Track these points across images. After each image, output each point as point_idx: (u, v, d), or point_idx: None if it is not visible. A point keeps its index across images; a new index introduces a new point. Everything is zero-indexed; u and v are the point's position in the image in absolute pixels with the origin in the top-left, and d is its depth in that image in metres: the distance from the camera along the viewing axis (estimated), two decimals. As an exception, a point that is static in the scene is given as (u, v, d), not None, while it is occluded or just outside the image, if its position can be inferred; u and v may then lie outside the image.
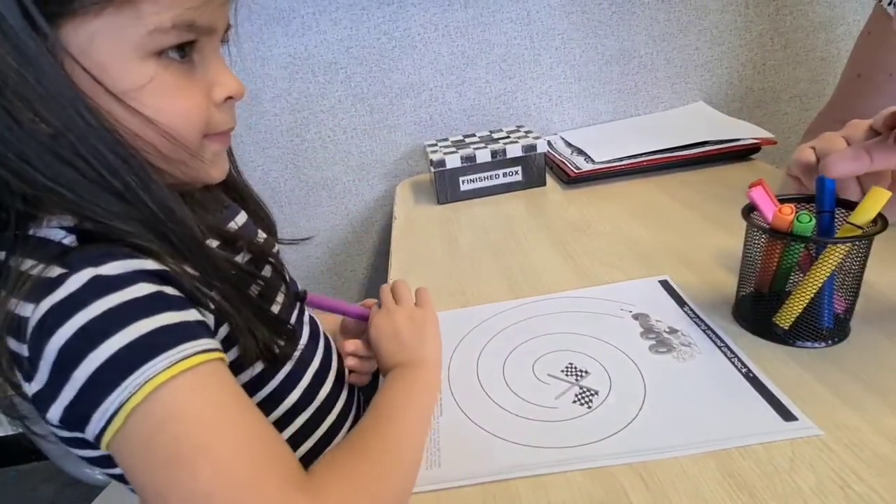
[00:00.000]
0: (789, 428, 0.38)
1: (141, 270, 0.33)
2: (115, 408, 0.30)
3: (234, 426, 0.32)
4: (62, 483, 1.35)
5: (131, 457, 0.31)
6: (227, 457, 0.30)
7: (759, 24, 1.07)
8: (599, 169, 0.90)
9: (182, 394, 0.31)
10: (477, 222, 0.84)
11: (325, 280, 1.21)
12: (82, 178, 0.33)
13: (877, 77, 0.61)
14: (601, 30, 1.05)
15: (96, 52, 0.33)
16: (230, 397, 0.33)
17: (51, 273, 0.31)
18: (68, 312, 0.31)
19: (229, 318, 0.37)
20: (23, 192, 0.33)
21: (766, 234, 0.45)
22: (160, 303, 0.33)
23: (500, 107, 1.09)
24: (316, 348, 0.50)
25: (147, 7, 0.32)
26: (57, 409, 0.32)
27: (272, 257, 0.46)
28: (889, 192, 0.42)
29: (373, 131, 1.09)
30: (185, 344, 0.32)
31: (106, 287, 0.31)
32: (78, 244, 0.33)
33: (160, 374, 0.30)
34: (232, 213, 0.48)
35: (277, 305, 0.45)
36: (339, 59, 1.03)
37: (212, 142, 0.39)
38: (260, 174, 1.10)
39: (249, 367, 0.40)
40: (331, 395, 0.50)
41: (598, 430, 0.41)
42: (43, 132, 0.32)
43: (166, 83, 0.35)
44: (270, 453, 0.32)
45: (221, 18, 0.38)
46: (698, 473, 0.36)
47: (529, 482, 0.38)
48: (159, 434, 0.30)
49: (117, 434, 0.30)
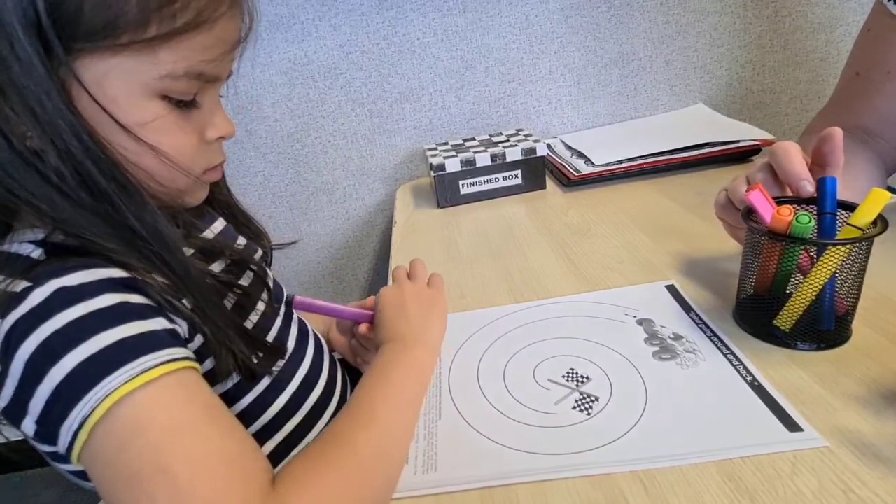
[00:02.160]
0: (794, 439, 0.38)
1: (105, 279, 0.33)
2: (79, 423, 0.30)
3: (196, 443, 0.31)
4: (64, 488, 1.35)
5: (99, 472, 0.31)
6: (186, 478, 0.29)
7: (758, 25, 1.07)
8: (599, 172, 0.90)
9: (143, 409, 0.31)
10: (477, 226, 0.84)
11: (327, 284, 1.21)
12: (65, 196, 0.33)
13: (875, 76, 0.60)
14: (600, 33, 1.05)
15: (108, 86, 0.34)
16: (196, 409, 0.32)
17: (16, 287, 0.32)
18: (32, 325, 0.31)
19: (203, 330, 0.37)
20: (1, 203, 0.34)
21: (765, 236, 0.45)
22: (123, 313, 0.32)
23: (499, 110, 1.10)
24: (304, 352, 0.50)
25: (165, 55, 0.34)
26: (29, 423, 0.32)
27: (253, 263, 0.46)
28: (889, 194, 0.42)
29: (373, 136, 1.10)
30: (147, 356, 0.32)
31: (69, 299, 0.31)
32: (45, 258, 0.34)
33: (120, 389, 0.30)
34: (209, 220, 0.48)
35: (257, 314, 0.45)
36: (338, 65, 1.04)
37: (207, 174, 0.42)
38: (261, 179, 1.10)
39: (225, 379, 0.40)
40: (322, 397, 0.50)
41: (596, 438, 0.41)
42: (32, 148, 0.33)
43: (168, 122, 0.37)
44: (233, 471, 0.31)
45: (227, 69, 0.40)
46: (699, 478, 0.36)
47: (529, 487, 0.38)
48: (122, 451, 0.30)
49: (84, 448, 0.30)
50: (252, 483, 0.31)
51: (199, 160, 0.40)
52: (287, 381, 0.46)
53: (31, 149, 0.33)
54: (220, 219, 0.49)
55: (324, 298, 0.68)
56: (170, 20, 0.33)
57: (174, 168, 0.38)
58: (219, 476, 0.30)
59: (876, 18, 0.61)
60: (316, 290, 1.21)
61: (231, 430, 0.34)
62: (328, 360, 0.53)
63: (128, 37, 0.33)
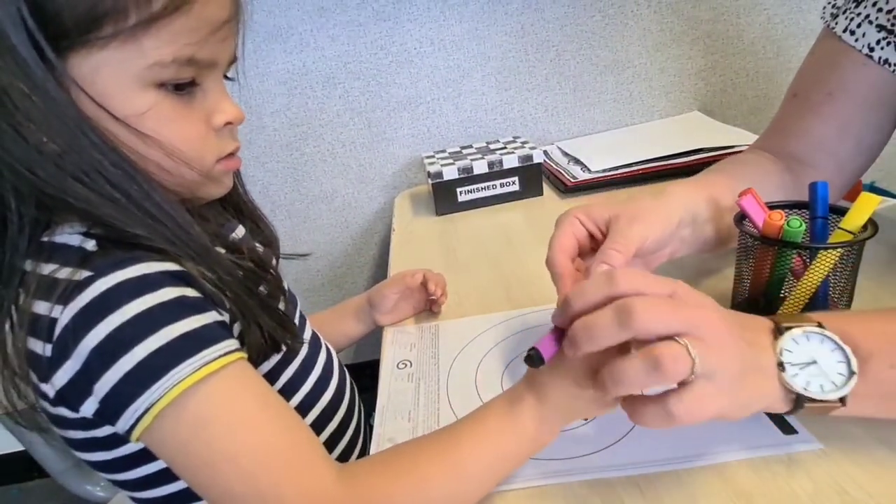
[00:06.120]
0: (788, 441, 0.38)
1: (164, 272, 0.35)
2: (145, 409, 0.33)
3: (254, 435, 0.35)
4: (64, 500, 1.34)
5: (171, 455, 0.35)
6: (250, 469, 0.34)
7: (751, 32, 1.08)
8: (596, 178, 0.90)
9: (208, 400, 0.34)
10: (475, 233, 0.85)
11: (326, 292, 1.22)
12: (88, 191, 0.35)
13: (814, 96, 0.58)
14: (595, 41, 1.06)
15: (101, 81, 0.35)
16: (253, 397, 0.36)
17: (77, 276, 0.34)
18: (98, 315, 0.33)
19: (241, 316, 0.39)
20: (37, 198, 0.35)
21: (758, 241, 0.46)
22: (184, 307, 0.35)
23: (496, 118, 1.10)
24: (316, 358, 0.51)
25: (149, 42, 0.34)
26: (91, 403, 0.35)
27: (272, 269, 0.47)
28: (879, 198, 0.43)
29: (371, 144, 1.10)
30: (208, 349, 0.34)
31: (133, 291, 0.34)
32: (99, 249, 0.35)
33: (186, 379, 0.33)
34: (231, 226, 0.49)
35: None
36: (336, 75, 1.05)
37: (221, 164, 0.42)
38: (260, 188, 1.11)
39: (256, 356, 0.42)
40: (333, 401, 0.51)
41: (592, 442, 0.41)
42: (51, 150, 0.34)
43: (166, 111, 0.37)
44: (287, 463, 0.35)
45: (224, 52, 0.39)
46: (694, 481, 0.36)
47: (526, 492, 0.38)
48: (193, 441, 0.34)
49: (147, 432, 0.34)
50: (306, 476, 0.35)
51: (209, 148, 0.40)
52: (301, 382, 0.48)
53: (53, 150, 0.34)
54: (241, 226, 0.50)
55: (323, 306, 0.69)
56: (146, 5, 0.33)
57: (179, 158, 0.38)
58: (275, 468, 0.34)
59: (822, 42, 0.60)
60: (315, 298, 1.21)
61: (285, 419, 0.37)
62: (338, 367, 0.54)
63: (110, 28, 0.33)
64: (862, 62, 0.55)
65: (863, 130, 0.57)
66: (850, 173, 0.59)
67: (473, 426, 0.38)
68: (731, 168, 0.60)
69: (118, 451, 0.39)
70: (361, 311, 0.64)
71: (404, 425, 0.46)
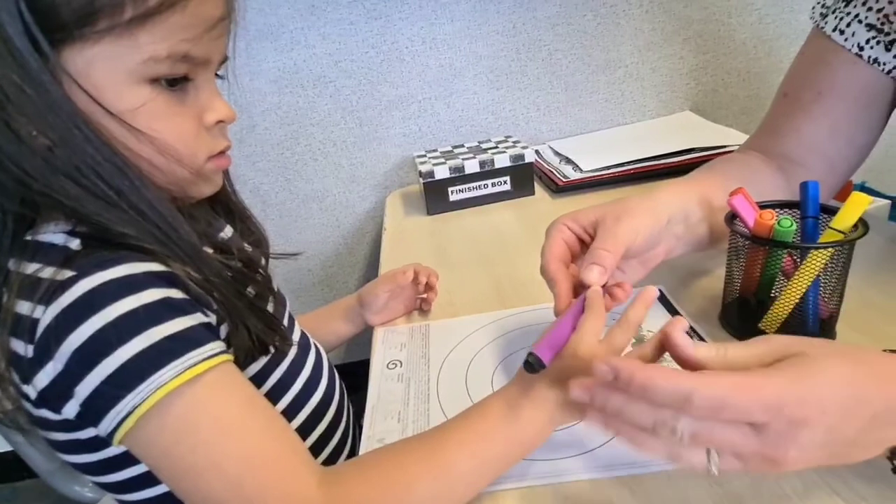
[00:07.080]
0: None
1: (149, 273, 0.35)
2: (127, 412, 0.32)
3: (240, 441, 0.34)
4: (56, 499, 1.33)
5: (155, 459, 0.34)
6: (235, 475, 0.33)
7: (743, 32, 1.08)
8: (587, 177, 0.90)
9: (192, 406, 0.33)
10: (466, 232, 0.84)
11: (317, 292, 1.21)
12: (77, 187, 0.34)
13: (804, 95, 0.58)
14: (587, 40, 1.06)
15: (95, 75, 0.34)
16: (238, 401, 0.36)
17: (60, 276, 0.33)
18: (81, 316, 0.32)
19: (229, 317, 0.39)
20: (21, 196, 0.35)
21: (749, 240, 0.46)
22: (169, 309, 0.34)
23: (488, 117, 1.10)
24: (305, 359, 0.51)
25: (144, 37, 0.34)
26: (72, 406, 0.34)
27: (260, 270, 0.47)
28: (870, 198, 0.43)
29: (362, 143, 1.10)
30: (193, 351, 0.34)
31: (116, 292, 0.33)
32: (83, 248, 0.35)
33: (169, 383, 0.33)
34: (220, 226, 0.49)
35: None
36: (327, 73, 1.04)
37: (211, 162, 0.41)
38: (251, 187, 1.10)
39: (244, 358, 0.41)
40: (321, 404, 0.50)
41: (583, 443, 0.41)
42: (41, 145, 0.34)
43: (159, 107, 0.37)
44: (273, 470, 0.34)
45: (217, 50, 0.39)
46: (684, 481, 0.36)
47: (516, 493, 0.38)
48: (176, 446, 0.33)
49: (129, 435, 0.33)
50: (292, 481, 0.34)
51: (200, 146, 0.40)
52: (289, 383, 0.47)
53: (43, 145, 0.34)
54: (228, 226, 0.50)
55: (314, 306, 0.68)
56: (142, 0, 0.33)
57: (171, 155, 0.38)
58: (259, 475, 0.34)
59: (811, 42, 0.60)
60: (307, 298, 1.20)
61: (270, 423, 0.37)
62: (328, 368, 0.54)
63: (105, 22, 0.33)
64: (852, 61, 0.55)
65: (853, 130, 0.57)
66: (840, 173, 0.59)
67: (462, 427, 0.37)
68: (722, 167, 0.60)
69: (102, 454, 0.38)
70: (352, 311, 0.63)
71: (394, 426, 0.46)
